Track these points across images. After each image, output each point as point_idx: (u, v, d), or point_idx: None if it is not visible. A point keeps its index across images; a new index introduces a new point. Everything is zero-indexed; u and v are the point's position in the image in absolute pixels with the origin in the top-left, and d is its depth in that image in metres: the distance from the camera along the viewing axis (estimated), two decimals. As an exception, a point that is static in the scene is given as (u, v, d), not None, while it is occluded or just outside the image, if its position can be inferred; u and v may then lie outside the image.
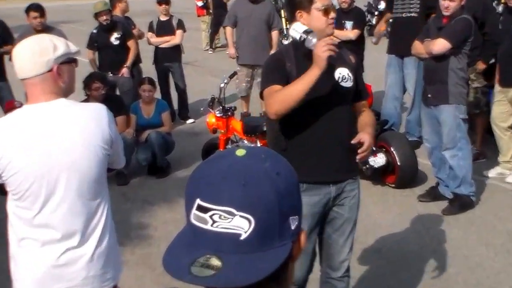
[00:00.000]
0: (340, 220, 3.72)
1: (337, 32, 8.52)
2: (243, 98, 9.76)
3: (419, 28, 6.60)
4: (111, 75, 9.11)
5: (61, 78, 2.79)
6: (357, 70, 3.71)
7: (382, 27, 8.82)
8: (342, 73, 3.56)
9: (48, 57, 2.72)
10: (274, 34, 9.54)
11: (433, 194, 6.57)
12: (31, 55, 2.70)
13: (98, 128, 2.80)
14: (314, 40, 3.34)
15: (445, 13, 5.94)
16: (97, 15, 9.05)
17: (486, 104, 7.58)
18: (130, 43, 9.28)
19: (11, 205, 2.79)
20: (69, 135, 2.71)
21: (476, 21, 6.68)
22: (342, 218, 3.71)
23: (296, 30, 3.45)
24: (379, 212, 6.38)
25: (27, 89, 2.76)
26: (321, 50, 3.24)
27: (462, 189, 6.27)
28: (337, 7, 8.75)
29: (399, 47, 8.05)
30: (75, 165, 2.72)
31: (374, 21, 17.82)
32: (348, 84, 3.56)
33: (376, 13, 17.96)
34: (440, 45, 5.90)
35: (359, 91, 3.68)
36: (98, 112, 2.86)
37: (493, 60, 7.31)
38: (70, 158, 2.71)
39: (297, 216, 1.23)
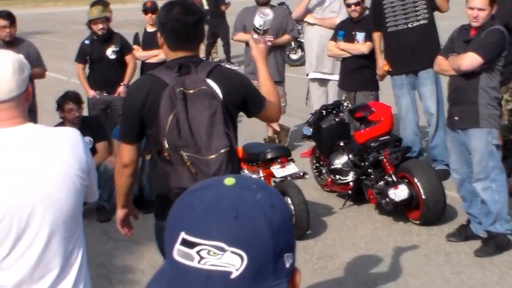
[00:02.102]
0: None
1: (346, 45, 8.57)
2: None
3: (433, 36, 6.61)
4: (106, 94, 9.14)
5: (28, 100, 2.83)
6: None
7: (385, 65, 8.41)
8: None
9: (25, 74, 2.75)
10: (285, 36, 9.66)
11: (464, 233, 6.59)
12: (13, 73, 2.70)
13: (74, 155, 2.80)
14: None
15: (474, 24, 6.01)
16: (91, 23, 9.00)
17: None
18: (129, 58, 9.25)
19: None
20: (43, 163, 2.71)
21: (510, 31, 6.75)
22: None
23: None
24: (402, 253, 6.41)
25: None
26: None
27: (497, 226, 6.28)
28: (346, 16, 8.79)
29: (412, 62, 8.15)
30: (50, 198, 2.71)
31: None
32: None
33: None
34: (470, 60, 5.95)
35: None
36: (72, 137, 2.88)
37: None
38: (45, 190, 2.70)
39: (291, 253, 1.28)
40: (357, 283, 5.84)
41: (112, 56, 9.08)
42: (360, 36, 8.54)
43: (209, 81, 3.71)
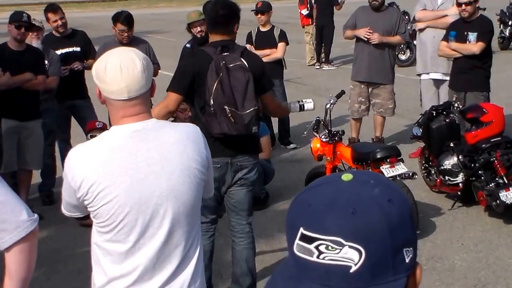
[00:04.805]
0: None
1: (458, 46, 8.45)
2: (354, 121, 9.77)
3: None
4: None
5: (152, 96, 2.94)
6: None
7: None
8: None
9: (151, 71, 2.84)
10: (396, 36, 9.52)
11: None
12: (142, 70, 2.76)
13: (196, 150, 2.87)
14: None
15: None
16: (190, 26, 9.01)
17: None
18: None
19: (98, 240, 2.83)
20: (167, 157, 2.79)
21: None
22: None
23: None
24: (512, 256, 6.29)
25: (122, 108, 2.80)
26: None
27: None
28: (458, 17, 8.66)
29: None
30: (174, 191, 2.78)
31: (507, 32, 17.53)
32: None
33: (510, 22, 17.62)
34: None
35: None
36: (194, 132, 2.95)
37: None
38: (169, 183, 2.77)
39: (411, 248, 1.28)
40: (466, 285, 5.75)
41: None
42: (472, 36, 8.41)
43: (242, 59, 4.97)
